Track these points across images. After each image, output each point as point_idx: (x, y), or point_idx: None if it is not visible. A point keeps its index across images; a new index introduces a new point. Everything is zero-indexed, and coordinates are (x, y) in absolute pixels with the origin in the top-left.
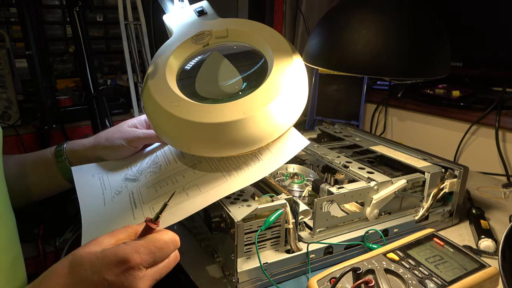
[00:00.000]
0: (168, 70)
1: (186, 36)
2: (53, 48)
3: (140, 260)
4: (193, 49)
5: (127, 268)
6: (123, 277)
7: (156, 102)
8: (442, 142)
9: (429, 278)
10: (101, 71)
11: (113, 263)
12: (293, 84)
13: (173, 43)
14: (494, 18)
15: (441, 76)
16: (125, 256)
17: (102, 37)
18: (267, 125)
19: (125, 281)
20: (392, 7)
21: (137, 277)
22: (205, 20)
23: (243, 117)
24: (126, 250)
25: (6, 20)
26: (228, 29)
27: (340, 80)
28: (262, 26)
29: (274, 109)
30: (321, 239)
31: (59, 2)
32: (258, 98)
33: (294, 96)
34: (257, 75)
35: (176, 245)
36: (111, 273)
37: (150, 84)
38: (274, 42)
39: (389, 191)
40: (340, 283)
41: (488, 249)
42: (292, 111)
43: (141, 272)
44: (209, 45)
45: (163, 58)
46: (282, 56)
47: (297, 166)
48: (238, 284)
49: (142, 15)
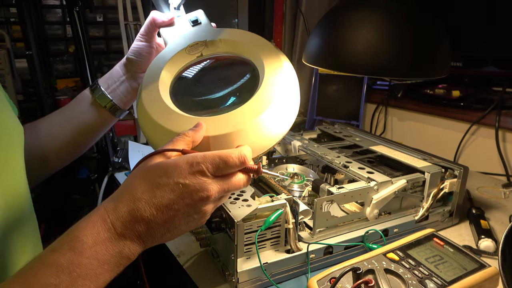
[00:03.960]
0: (161, 82)
1: (180, 46)
2: (53, 48)
3: (205, 166)
4: (187, 59)
5: (197, 171)
6: (195, 180)
7: (148, 114)
8: (442, 142)
9: (429, 278)
10: (101, 71)
11: (185, 168)
12: (283, 95)
13: (167, 54)
14: (494, 18)
15: (441, 76)
16: (194, 160)
17: (102, 37)
18: (257, 138)
19: (197, 184)
20: (392, 7)
21: (206, 180)
22: (199, 30)
23: (233, 130)
24: (196, 157)
25: (6, 20)
26: (221, 39)
27: (340, 80)
28: (254, 36)
29: (265, 121)
30: (321, 239)
31: (59, 2)
32: (248, 111)
33: (285, 106)
34: (249, 86)
35: (242, 159)
36: (183, 177)
37: (143, 96)
38: (265, 52)
39: (389, 191)
40: (340, 283)
41: (488, 249)
42: (284, 121)
43: (209, 178)
44: (203, 55)
45: (157, 69)
46: (272, 66)
47: (297, 166)
48: (238, 284)
49: (142, 15)
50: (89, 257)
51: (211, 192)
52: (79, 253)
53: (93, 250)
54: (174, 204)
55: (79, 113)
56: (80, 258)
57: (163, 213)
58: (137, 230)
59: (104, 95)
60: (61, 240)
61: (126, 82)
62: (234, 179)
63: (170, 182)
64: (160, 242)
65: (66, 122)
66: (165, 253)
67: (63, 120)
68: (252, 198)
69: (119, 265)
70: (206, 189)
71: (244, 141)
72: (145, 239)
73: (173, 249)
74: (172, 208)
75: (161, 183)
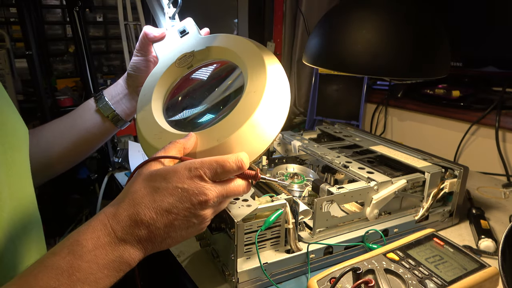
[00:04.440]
0: (154, 100)
1: (170, 61)
2: (53, 48)
3: (202, 171)
4: (177, 73)
5: (195, 175)
6: (193, 185)
7: (142, 135)
8: (442, 142)
9: (429, 278)
10: (101, 71)
11: (183, 173)
12: (267, 101)
13: (158, 71)
14: (494, 18)
15: (441, 76)
16: (192, 165)
17: (102, 37)
18: (243, 148)
19: (195, 188)
20: (392, 7)
21: (204, 185)
22: (187, 40)
23: (217, 144)
24: (194, 162)
25: (6, 20)
26: (208, 47)
27: (340, 80)
28: (240, 39)
29: (248, 131)
30: (321, 239)
31: (59, 2)
32: (230, 123)
33: (270, 112)
34: (236, 95)
35: (239, 164)
36: (182, 182)
37: (138, 117)
38: (249, 56)
39: (389, 191)
40: (340, 283)
41: (488, 249)
42: (270, 128)
43: (207, 183)
44: (193, 66)
45: (150, 88)
46: (255, 70)
47: (297, 166)
48: (238, 284)
49: (142, 15)
50: (88, 261)
51: (210, 196)
52: (79, 257)
53: (92, 254)
54: (173, 208)
55: (82, 121)
56: (79, 262)
57: (163, 216)
58: (137, 235)
59: (108, 105)
60: (62, 243)
61: (128, 95)
62: (232, 184)
63: (169, 187)
64: (160, 248)
65: (69, 129)
66: (165, 253)
67: (66, 127)
68: (252, 198)
69: (119, 271)
70: (204, 193)
71: (230, 153)
72: (145, 244)
73: (173, 249)
74: (172, 211)
75: (160, 187)
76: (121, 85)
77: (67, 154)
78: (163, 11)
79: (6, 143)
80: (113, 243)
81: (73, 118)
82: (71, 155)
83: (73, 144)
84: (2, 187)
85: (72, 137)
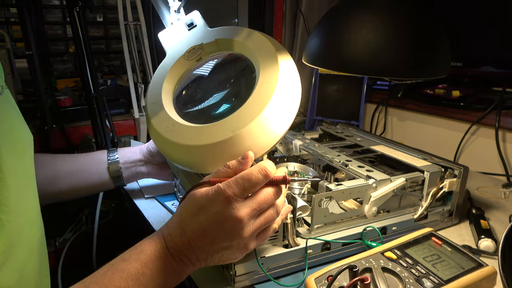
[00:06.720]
0: (164, 93)
1: (179, 53)
2: (53, 48)
3: (231, 192)
4: (186, 66)
5: (223, 199)
6: (222, 207)
7: (154, 128)
8: (442, 142)
9: (426, 276)
10: (101, 71)
11: (213, 196)
12: (281, 93)
13: (167, 64)
14: (494, 18)
15: (441, 76)
16: (219, 190)
17: (102, 37)
18: (256, 139)
19: (226, 211)
20: (392, 7)
21: (234, 206)
22: (195, 33)
23: (232, 135)
24: (221, 186)
25: (6, 20)
26: (217, 39)
27: (340, 80)
28: (250, 32)
29: (262, 122)
30: (319, 235)
31: (59, 2)
32: (244, 114)
33: (283, 104)
34: (248, 87)
35: (263, 173)
36: (213, 205)
37: (149, 109)
38: (260, 49)
39: (387, 189)
40: (337, 281)
41: (488, 249)
42: (283, 120)
43: (237, 203)
44: (202, 59)
45: (159, 80)
46: (268, 63)
47: (297, 165)
48: (235, 277)
49: (142, 15)
50: (151, 269)
51: (241, 217)
52: (144, 264)
53: (154, 264)
54: (209, 230)
55: (88, 171)
56: (144, 269)
57: (200, 238)
58: (183, 252)
59: (117, 167)
60: (130, 251)
61: (139, 167)
62: (261, 194)
63: (203, 211)
64: (207, 264)
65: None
66: None
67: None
68: None
69: (173, 280)
70: (235, 215)
71: (243, 144)
72: (192, 260)
73: None
74: (209, 234)
75: (196, 212)
76: (139, 157)
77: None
78: (167, 5)
79: (14, 149)
80: (167, 256)
81: (81, 163)
82: (63, 193)
83: (71, 188)
84: (9, 193)
85: (72, 182)
